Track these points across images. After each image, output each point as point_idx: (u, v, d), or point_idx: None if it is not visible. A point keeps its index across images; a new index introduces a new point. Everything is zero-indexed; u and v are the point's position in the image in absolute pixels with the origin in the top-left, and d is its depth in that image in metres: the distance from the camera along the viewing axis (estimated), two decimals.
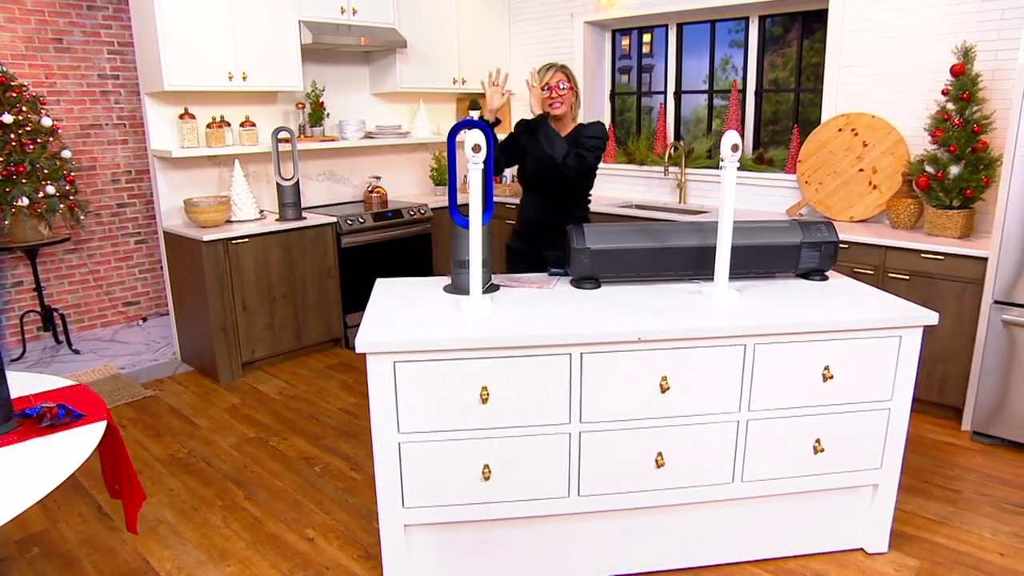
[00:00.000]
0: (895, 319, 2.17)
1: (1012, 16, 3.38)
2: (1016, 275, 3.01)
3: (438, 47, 5.15)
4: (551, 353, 2.04)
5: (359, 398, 3.84)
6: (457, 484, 2.11)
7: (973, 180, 3.29)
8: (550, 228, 2.89)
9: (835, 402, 2.24)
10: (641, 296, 2.38)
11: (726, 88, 4.95)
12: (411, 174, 5.55)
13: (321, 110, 4.70)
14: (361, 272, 4.61)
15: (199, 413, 3.67)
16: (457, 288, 2.46)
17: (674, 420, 2.17)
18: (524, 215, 3.04)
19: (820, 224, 2.58)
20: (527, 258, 3.02)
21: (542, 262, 2.95)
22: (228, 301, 4.01)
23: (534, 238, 2.98)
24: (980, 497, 2.78)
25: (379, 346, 1.95)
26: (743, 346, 2.14)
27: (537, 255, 2.97)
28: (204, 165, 4.35)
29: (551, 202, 2.95)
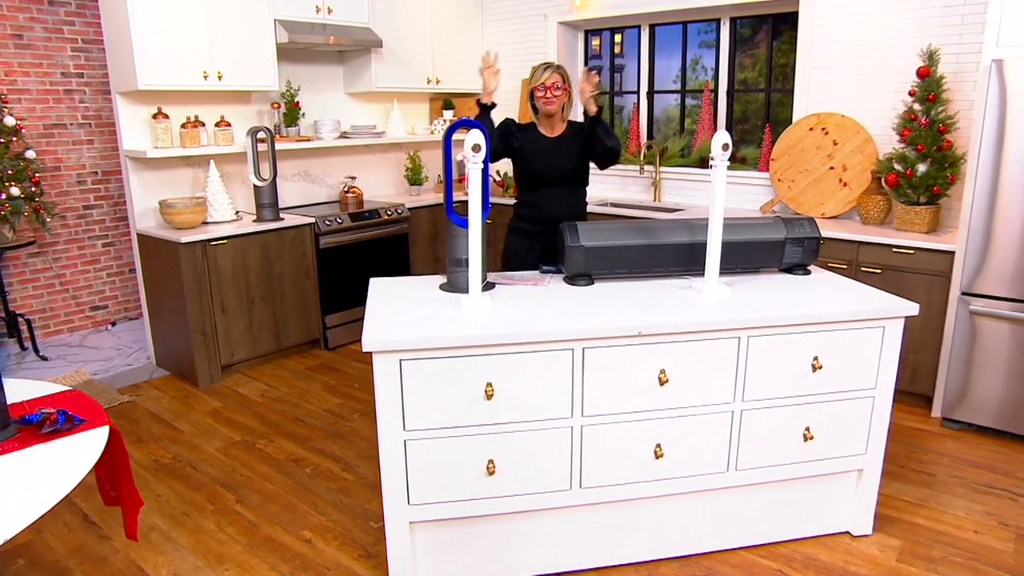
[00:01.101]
0: (879, 311, 2.27)
1: (972, 21, 3.54)
2: (982, 268, 3.15)
3: (412, 47, 5.14)
4: (554, 349, 2.08)
5: (343, 399, 3.83)
6: (462, 480, 2.13)
7: (940, 177, 3.44)
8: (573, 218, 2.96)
9: (823, 391, 2.33)
10: (635, 292, 2.43)
11: (698, 88, 5.06)
12: (386, 174, 5.53)
13: (296, 110, 4.65)
14: (340, 273, 4.58)
15: (180, 417, 3.60)
16: (454, 286, 2.47)
17: (672, 412, 2.23)
18: (541, 212, 3.01)
19: (803, 220, 2.67)
20: (538, 256, 3.03)
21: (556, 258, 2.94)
22: (206, 304, 3.95)
23: (551, 233, 2.93)
24: (953, 479, 2.91)
25: (386, 344, 1.96)
26: (737, 339, 2.21)
27: (552, 251, 2.97)
28: (178, 166, 4.27)
29: (573, 195, 3.05)
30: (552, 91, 2.89)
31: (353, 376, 4.16)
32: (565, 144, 2.97)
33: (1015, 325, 3.10)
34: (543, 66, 2.93)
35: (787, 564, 2.39)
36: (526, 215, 3.08)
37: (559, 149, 2.98)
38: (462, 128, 2.35)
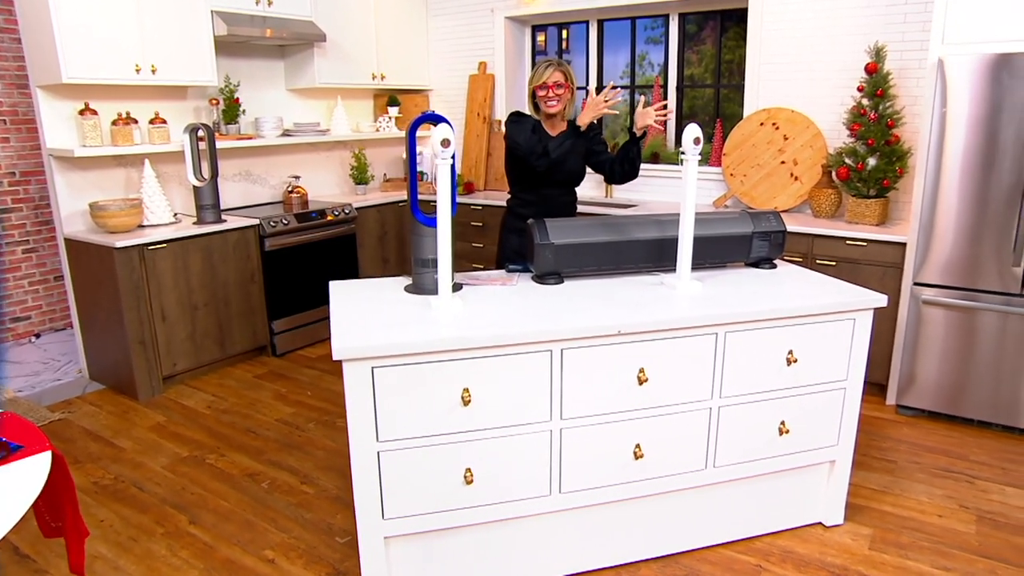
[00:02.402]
0: (850, 303, 2.28)
1: (914, 20, 3.65)
2: (930, 258, 3.24)
3: (356, 41, 4.98)
4: (532, 351, 2.00)
5: (295, 407, 3.65)
6: (439, 490, 2.04)
7: (889, 171, 3.53)
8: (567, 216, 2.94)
9: (797, 384, 2.33)
10: (607, 289, 2.38)
11: (646, 83, 5.07)
12: (330, 173, 5.34)
13: (236, 107, 4.43)
14: (286, 276, 4.39)
15: (120, 434, 3.36)
16: (419, 288, 2.37)
17: (651, 411, 2.18)
18: (541, 212, 2.90)
19: (768, 215, 2.68)
20: None
21: None
22: (145, 311, 3.70)
23: None
24: (912, 465, 2.98)
25: (357, 352, 1.84)
26: (714, 335, 2.18)
27: None
28: (109, 165, 4.00)
29: (570, 195, 3.03)
30: (554, 90, 2.79)
31: (304, 383, 3.98)
32: (565, 143, 2.81)
33: (960, 313, 3.20)
34: (545, 64, 2.80)
35: (765, 558, 2.39)
36: (526, 214, 2.94)
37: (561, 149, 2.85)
38: (428, 123, 2.24)
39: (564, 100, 2.83)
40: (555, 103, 2.81)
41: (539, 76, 2.80)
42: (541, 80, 2.79)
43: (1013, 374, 3.13)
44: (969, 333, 3.20)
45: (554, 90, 2.79)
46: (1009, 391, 3.15)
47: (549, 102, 2.81)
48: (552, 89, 2.79)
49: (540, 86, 2.81)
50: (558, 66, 2.80)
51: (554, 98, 2.80)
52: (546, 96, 2.80)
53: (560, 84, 2.79)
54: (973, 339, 3.20)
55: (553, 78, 2.78)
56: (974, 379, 3.22)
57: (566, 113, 2.90)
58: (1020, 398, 3.14)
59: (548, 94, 2.80)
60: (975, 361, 3.21)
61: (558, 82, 2.79)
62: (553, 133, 2.88)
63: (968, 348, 3.22)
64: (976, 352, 3.20)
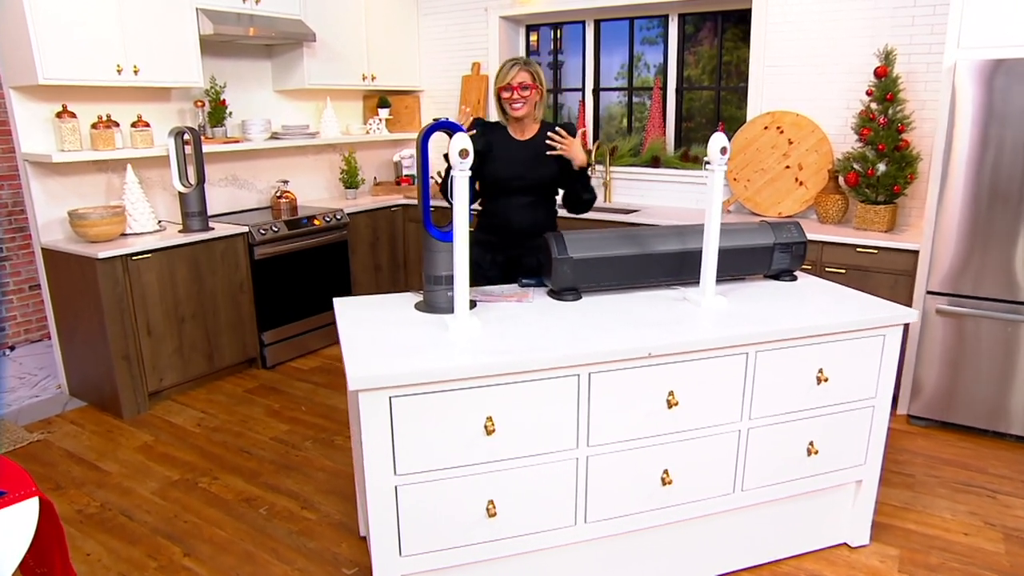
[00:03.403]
0: (882, 318, 2.19)
1: (922, 23, 3.58)
2: (948, 266, 3.18)
3: (346, 41, 4.82)
4: (559, 375, 1.88)
5: (290, 424, 3.50)
6: (460, 524, 1.91)
7: (900, 177, 3.46)
8: (539, 231, 2.70)
9: (827, 403, 2.24)
10: (628, 306, 2.27)
11: (645, 86, 4.97)
12: (319, 177, 5.17)
13: (222, 109, 4.25)
14: (277, 285, 4.22)
15: (105, 456, 3.19)
16: (432, 306, 2.24)
17: (680, 435, 2.08)
18: (504, 223, 2.75)
19: (789, 225, 2.58)
20: (501, 270, 2.80)
21: (518, 272, 2.73)
22: (129, 324, 3.52)
23: (515, 245, 2.75)
24: (932, 479, 2.91)
25: (374, 381, 1.71)
26: (745, 354, 2.08)
27: (515, 264, 2.76)
28: (89, 171, 3.80)
29: (541, 207, 2.75)
30: (519, 92, 2.58)
31: (298, 398, 3.83)
32: (536, 149, 2.67)
33: (976, 321, 3.14)
34: (510, 63, 2.61)
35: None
36: (486, 224, 2.81)
37: (529, 155, 2.68)
38: (444, 130, 2.11)
39: (531, 102, 2.62)
40: (520, 105, 2.60)
41: (503, 76, 2.59)
42: (505, 80, 2.58)
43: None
44: (985, 342, 3.14)
45: (519, 91, 2.58)
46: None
47: (514, 104, 2.60)
48: (517, 90, 2.58)
49: (504, 87, 2.59)
50: (524, 65, 2.59)
51: (519, 100, 2.59)
52: (511, 98, 2.60)
53: (526, 85, 2.58)
54: (989, 349, 3.14)
55: (518, 78, 2.58)
56: (989, 389, 3.16)
57: (536, 115, 2.70)
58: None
59: (513, 96, 2.59)
60: (990, 371, 3.15)
61: (524, 83, 2.58)
62: (522, 137, 2.68)
63: (984, 358, 3.16)
64: (992, 362, 3.14)
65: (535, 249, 2.65)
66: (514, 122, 2.69)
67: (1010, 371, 3.10)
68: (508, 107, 2.64)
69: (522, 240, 2.75)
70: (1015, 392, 3.11)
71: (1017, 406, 3.12)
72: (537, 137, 2.70)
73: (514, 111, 2.63)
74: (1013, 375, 3.10)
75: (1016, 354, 3.08)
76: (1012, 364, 3.09)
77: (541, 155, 2.65)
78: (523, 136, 2.71)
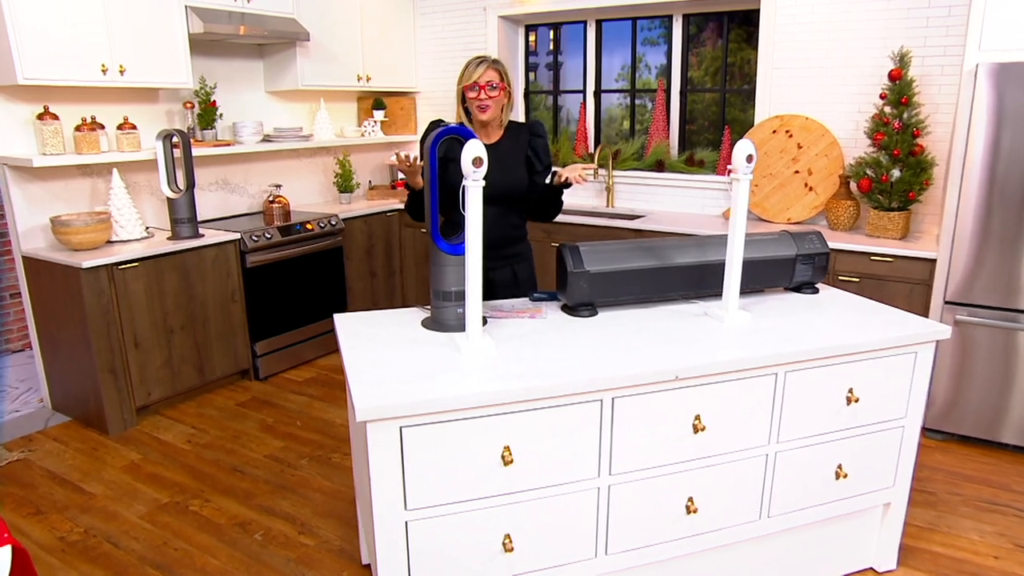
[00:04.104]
0: (915, 335, 2.08)
1: (937, 24, 3.49)
2: (968, 276, 3.08)
3: (341, 40, 4.67)
4: (582, 401, 1.76)
5: (285, 440, 3.36)
6: (475, 561, 1.78)
7: (915, 183, 3.36)
8: (509, 242, 2.53)
9: (856, 424, 2.13)
10: (647, 322, 2.15)
11: (648, 88, 4.86)
12: (313, 181, 5.02)
13: (213, 110, 4.09)
14: (269, 294, 4.07)
15: (89, 477, 3.03)
16: (440, 324, 2.10)
17: (705, 461, 1.96)
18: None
19: (811, 235, 2.47)
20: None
21: (489, 289, 2.48)
22: (116, 337, 3.36)
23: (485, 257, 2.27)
24: (954, 497, 2.81)
25: (384, 411, 1.58)
26: (774, 375, 1.96)
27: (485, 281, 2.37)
28: (72, 175, 3.64)
29: (507, 217, 2.50)
30: (487, 91, 2.35)
31: (292, 411, 3.68)
32: (502, 154, 2.43)
33: (997, 332, 3.05)
34: (476, 60, 2.38)
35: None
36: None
37: (497, 160, 2.39)
38: (454, 136, 1.98)
39: (499, 103, 2.40)
40: (487, 107, 2.37)
41: (468, 75, 2.36)
42: (471, 79, 2.35)
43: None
44: (1005, 354, 3.05)
45: (486, 91, 2.35)
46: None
47: (480, 106, 2.37)
48: (484, 90, 2.35)
49: (470, 86, 2.36)
50: (492, 63, 2.37)
51: (487, 100, 2.36)
52: (477, 98, 2.36)
53: (494, 84, 2.36)
54: (1011, 361, 3.04)
55: (486, 77, 2.35)
56: (1009, 402, 3.07)
57: (503, 118, 2.47)
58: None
59: (480, 96, 2.35)
60: (1011, 383, 3.05)
61: (491, 82, 2.35)
62: (487, 141, 2.45)
63: (1004, 370, 3.06)
64: (1012, 374, 3.04)
65: (507, 261, 2.53)
66: (479, 126, 2.45)
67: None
68: (474, 109, 2.40)
69: (490, 253, 2.41)
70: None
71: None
72: (503, 141, 2.48)
73: (481, 113, 2.39)
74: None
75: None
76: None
77: (508, 161, 2.43)
78: (488, 140, 2.47)
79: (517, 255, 2.58)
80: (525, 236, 2.63)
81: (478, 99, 2.37)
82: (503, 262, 2.53)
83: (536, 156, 2.51)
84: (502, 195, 2.43)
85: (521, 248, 2.60)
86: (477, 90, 2.36)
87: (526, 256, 2.63)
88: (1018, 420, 3.07)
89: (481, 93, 2.36)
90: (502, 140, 2.49)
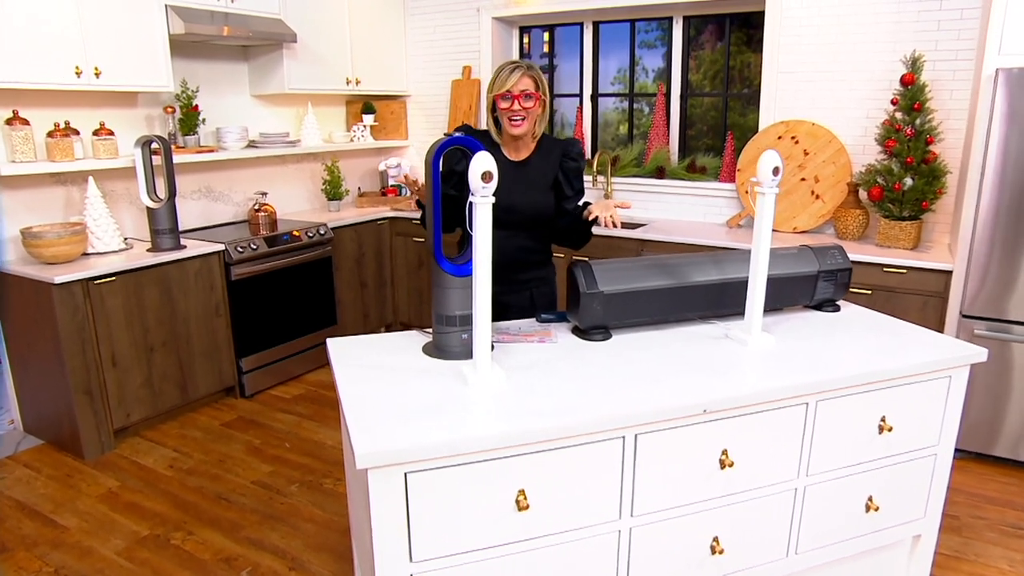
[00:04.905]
0: (950, 359, 1.95)
1: (949, 28, 3.38)
2: (986, 289, 2.97)
3: (329, 42, 4.50)
4: (603, 439, 1.61)
5: (273, 464, 3.18)
6: None
7: (929, 192, 3.25)
8: (529, 267, 2.35)
9: (888, 454, 2.00)
10: (667, 347, 2.00)
11: (649, 92, 4.73)
12: (301, 188, 4.84)
13: (195, 115, 3.91)
14: (256, 307, 3.89)
15: (63, 508, 2.84)
16: (443, 351, 1.94)
17: (733, 498, 1.82)
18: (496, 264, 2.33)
19: (833, 250, 2.34)
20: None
21: (504, 314, 2.30)
22: (92, 356, 3.17)
23: (501, 281, 2.11)
24: (979, 521, 2.69)
25: (388, 457, 1.42)
26: (805, 404, 1.83)
27: (501, 305, 2.25)
28: (45, 184, 3.44)
29: (532, 241, 2.30)
30: (521, 102, 2.10)
31: (281, 432, 3.50)
32: (532, 173, 2.21)
33: (1019, 346, 2.94)
34: (510, 66, 2.13)
35: None
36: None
37: (523, 180, 2.21)
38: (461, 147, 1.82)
39: (533, 116, 2.15)
40: (520, 121, 2.12)
41: (502, 82, 2.10)
42: (504, 87, 2.09)
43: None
44: None
45: (521, 101, 2.10)
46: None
47: (514, 119, 2.12)
48: (518, 100, 2.09)
49: (502, 95, 2.11)
50: (527, 70, 2.11)
51: (520, 113, 2.11)
52: (510, 109, 2.11)
53: (530, 94, 2.10)
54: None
55: (521, 85, 2.09)
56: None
57: (536, 132, 2.23)
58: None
59: (513, 106, 2.10)
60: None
61: (527, 91, 2.10)
62: (516, 157, 2.22)
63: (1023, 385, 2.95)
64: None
65: (525, 285, 2.35)
66: (509, 139, 2.22)
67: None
68: (506, 122, 2.15)
69: (508, 276, 2.30)
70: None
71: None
72: (533, 159, 2.24)
73: (513, 127, 2.14)
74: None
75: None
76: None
77: (537, 181, 2.20)
78: (517, 156, 2.23)
79: (538, 279, 2.39)
80: (547, 260, 2.40)
81: (511, 110, 2.12)
82: (520, 285, 2.34)
83: (567, 181, 2.28)
84: (528, 220, 2.22)
85: (543, 272, 2.40)
86: (510, 100, 2.11)
87: (548, 280, 2.43)
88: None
89: (514, 104, 2.11)
90: (532, 157, 2.25)
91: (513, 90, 2.11)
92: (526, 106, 2.13)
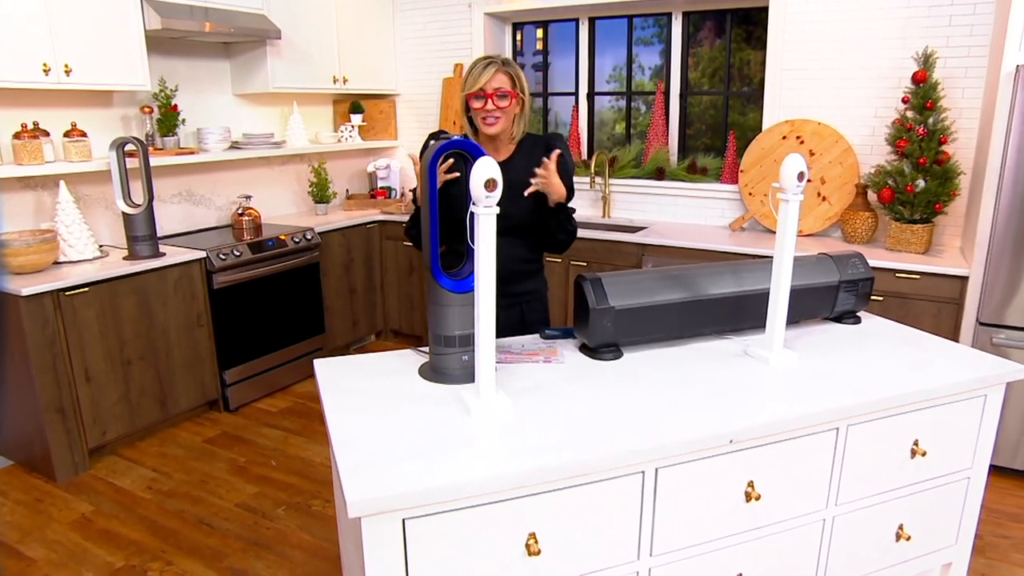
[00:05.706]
0: (986, 377, 1.82)
1: (960, 23, 3.26)
2: (1004, 295, 2.84)
3: (315, 39, 4.32)
4: (621, 475, 1.46)
5: (258, 484, 3.01)
6: None
7: (942, 194, 3.12)
8: (518, 278, 2.18)
9: (920, 479, 1.86)
10: (683, 366, 1.86)
11: (647, 90, 4.58)
12: (286, 190, 4.66)
13: (174, 115, 3.72)
14: (239, 316, 3.71)
15: (31, 537, 2.65)
16: (441, 373, 1.78)
17: (758, 532, 1.67)
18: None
19: (853, 258, 2.20)
20: None
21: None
22: (64, 372, 2.99)
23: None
24: (1003, 541, 2.57)
25: (384, 504, 1.26)
26: (835, 430, 1.68)
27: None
28: (12, 188, 3.25)
29: (519, 248, 2.14)
30: (495, 100, 1.96)
31: (266, 448, 3.33)
32: (512, 176, 1.97)
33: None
34: (483, 62, 1.98)
35: None
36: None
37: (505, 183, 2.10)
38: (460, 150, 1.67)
39: (510, 114, 2.01)
40: (495, 120, 1.98)
41: (474, 79, 1.96)
42: (477, 85, 1.95)
43: None
44: None
45: (495, 100, 1.96)
46: None
47: (487, 118, 1.98)
48: (492, 99, 1.96)
49: (475, 94, 1.97)
50: (502, 65, 1.97)
51: (495, 112, 1.97)
52: (483, 109, 1.97)
53: (504, 92, 1.96)
54: None
55: (495, 82, 1.95)
56: None
57: (514, 132, 2.08)
58: None
59: (487, 106, 1.96)
60: None
61: (501, 89, 1.96)
62: (497, 158, 2.05)
63: None
64: None
65: (515, 299, 2.19)
66: (485, 140, 2.07)
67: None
68: (479, 121, 2.01)
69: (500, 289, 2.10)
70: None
71: None
72: (515, 159, 2.09)
73: (487, 127, 1.99)
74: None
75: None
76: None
77: (519, 184, 2.00)
78: (496, 157, 2.07)
79: (528, 293, 2.23)
80: (539, 271, 2.25)
81: (484, 110, 1.98)
82: (510, 300, 2.17)
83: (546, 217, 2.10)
84: (513, 225, 2.04)
85: (533, 285, 2.24)
86: (483, 99, 1.97)
87: (539, 295, 2.27)
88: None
89: (488, 103, 1.97)
90: (513, 157, 2.09)
91: (486, 88, 1.96)
92: (500, 105, 1.98)
